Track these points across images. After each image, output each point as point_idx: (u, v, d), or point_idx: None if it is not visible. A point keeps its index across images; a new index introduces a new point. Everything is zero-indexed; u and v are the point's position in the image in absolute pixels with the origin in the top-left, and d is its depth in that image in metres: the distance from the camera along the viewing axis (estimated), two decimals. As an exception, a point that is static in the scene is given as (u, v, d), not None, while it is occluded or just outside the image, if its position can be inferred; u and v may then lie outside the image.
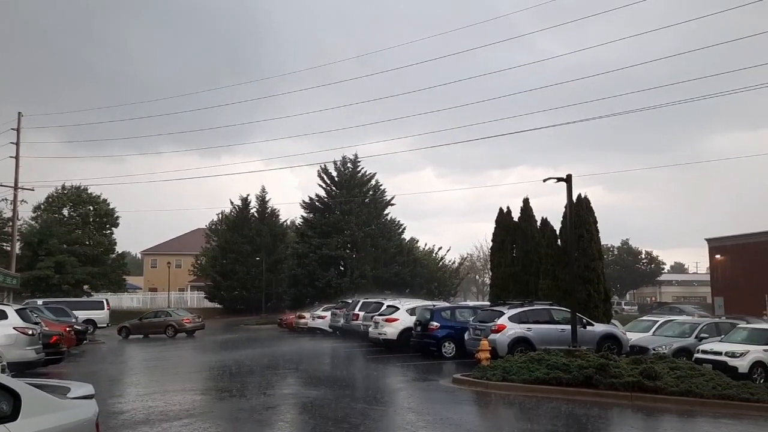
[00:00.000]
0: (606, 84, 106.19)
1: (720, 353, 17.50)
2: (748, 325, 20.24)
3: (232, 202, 63.33)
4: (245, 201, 61.78)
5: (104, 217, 55.01)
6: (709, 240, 52.35)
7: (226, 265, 58.65)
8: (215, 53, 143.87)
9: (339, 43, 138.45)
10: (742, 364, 16.93)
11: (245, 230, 59.47)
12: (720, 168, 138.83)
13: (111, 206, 55.57)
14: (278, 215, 63.09)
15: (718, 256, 50.83)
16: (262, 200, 61.88)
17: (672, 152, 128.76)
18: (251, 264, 57.67)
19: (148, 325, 36.75)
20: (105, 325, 37.60)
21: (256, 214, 61.65)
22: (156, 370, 20.56)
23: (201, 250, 66.88)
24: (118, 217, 55.66)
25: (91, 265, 51.23)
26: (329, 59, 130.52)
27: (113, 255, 55.43)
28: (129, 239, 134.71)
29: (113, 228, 55.89)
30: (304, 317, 37.20)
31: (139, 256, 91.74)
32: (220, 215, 67.49)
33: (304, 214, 54.19)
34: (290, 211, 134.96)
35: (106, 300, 40.79)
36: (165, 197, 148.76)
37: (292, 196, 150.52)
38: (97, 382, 12.32)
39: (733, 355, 17.24)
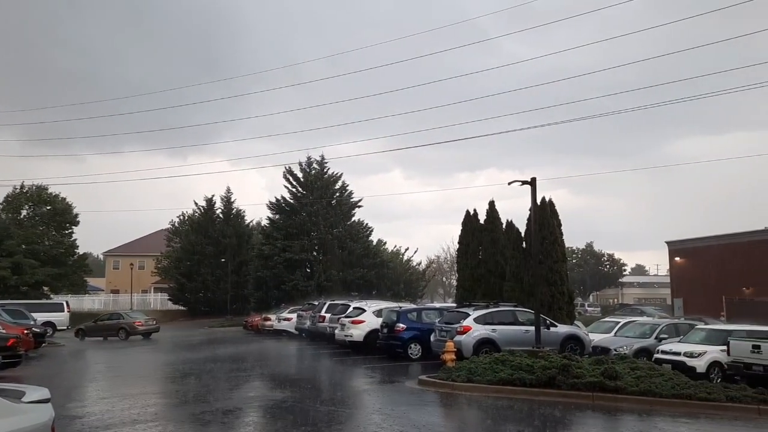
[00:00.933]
0: (574, 88, 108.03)
1: (679, 353, 17.90)
2: (706, 326, 20.74)
3: (196, 203, 62.66)
4: (210, 202, 61.13)
5: (63, 215, 53.80)
6: (669, 243, 53.50)
7: (191, 267, 57.92)
8: (185, 53, 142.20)
9: (309, 44, 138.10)
10: (700, 364, 17.34)
11: (210, 231, 58.83)
12: (682, 172, 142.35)
13: (71, 205, 54.42)
14: (244, 216, 62.57)
15: (677, 259, 51.99)
16: (228, 201, 61.30)
17: (636, 156, 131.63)
18: (216, 266, 57.06)
19: (103, 327, 36.13)
20: (65, 327, 36.84)
21: (221, 216, 61.03)
22: (117, 373, 20.17)
23: (164, 252, 65.88)
24: (77, 215, 54.53)
25: (51, 266, 50.05)
26: (299, 60, 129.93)
27: (74, 256, 54.26)
28: (91, 240, 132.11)
29: (73, 228, 54.73)
30: (269, 319, 36.94)
31: (101, 257, 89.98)
32: (182, 216, 66.62)
33: (270, 216, 53.78)
34: (257, 212, 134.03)
35: (66, 302, 39.91)
36: (129, 198, 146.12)
37: (259, 197, 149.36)
38: (55, 385, 12.07)
39: (691, 355, 17.64)
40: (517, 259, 26.41)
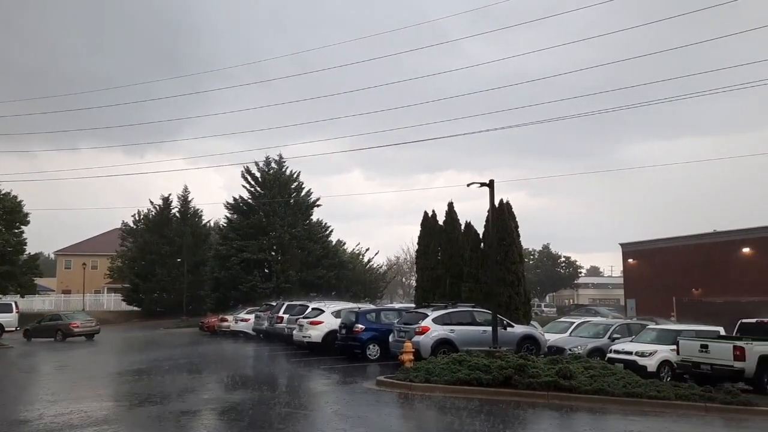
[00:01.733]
0: (534, 91, 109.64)
1: (631, 353, 18.35)
2: (657, 326, 21.31)
3: (152, 202, 61.56)
4: (166, 201, 60.08)
5: (12, 214, 52.04)
6: (623, 245, 54.73)
7: (145, 267, 56.81)
8: (146, 49, 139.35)
9: (272, 42, 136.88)
10: (651, 363, 17.82)
11: (166, 231, 57.83)
12: (636, 176, 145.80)
13: (21, 203, 52.66)
14: (201, 216, 61.71)
15: (630, 260, 53.22)
16: (185, 200, 60.35)
17: (593, 160, 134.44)
18: (172, 266, 56.10)
19: (44, 328, 35.10)
20: (14, 328, 35.76)
21: (177, 215, 60.05)
22: (68, 375, 19.62)
23: (118, 251, 64.43)
24: (27, 214, 52.82)
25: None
26: (262, 58, 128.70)
27: (24, 256, 52.55)
28: (42, 239, 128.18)
29: (23, 226, 53.00)
30: (226, 320, 36.49)
31: (52, 256, 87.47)
32: (137, 215, 65.24)
33: (228, 215, 53.06)
34: (215, 211, 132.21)
35: (15, 302, 38.75)
36: (83, 195, 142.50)
37: (217, 196, 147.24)
38: (2, 388, 11.71)
39: (642, 354, 18.11)
40: (476, 260, 26.68)
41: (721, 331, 19.94)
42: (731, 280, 40.97)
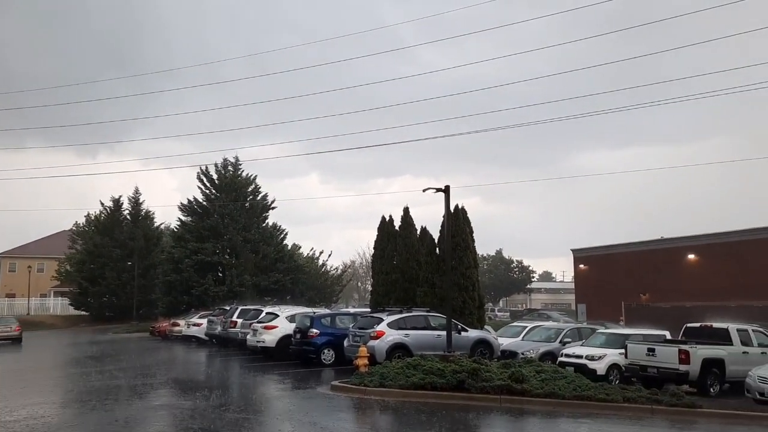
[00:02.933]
0: (489, 99, 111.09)
1: (581, 356, 18.73)
2: (606, 330, 21.79)
3: (102, 204, 60.02)
4: (117, 202, 58.79)
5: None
6: (574, 250, 55.93)
7: (95, 270, 55.32)
8: (96, 48, 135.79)
9: (226, 43, 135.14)
10: (600, 367, 18.22)
11: (116, 233, 56.50)
12: (587, 183, 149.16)
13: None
14: (153, 218, 60.55)
15: (581, 266, 54.41)
16: (136, 202, 59.14)
17: (546, 167, 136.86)
18: (122, 269, 54.85)
19: None
20: (-48, 333, 34.27)
21: (128, 217, 58.77)
22: (9, 381, 18.89)
23: (66, 254, 62.57)
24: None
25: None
26: (216, 59, 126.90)
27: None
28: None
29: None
30: (178, 325, 35.84)
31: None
32: (87, 217, 63.56)
33: (182, 218, 52.17)
34: (169, 214, 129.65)
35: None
36: (29, 196, 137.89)
37: (171, 198, 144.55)
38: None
39: (592, 358, 18.50)
40: (431, 265, 26.83)
41: (667, 335, 20.55)
42: (677, 286, 42.29)
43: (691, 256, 43.71)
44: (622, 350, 18.06)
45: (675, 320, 24.34)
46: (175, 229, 53.65)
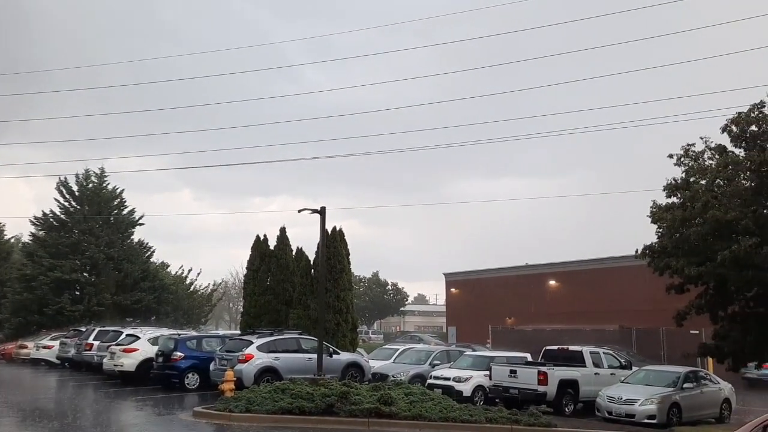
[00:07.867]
0: (370, 123, 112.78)
1: (448, 378, 19.16)
2: (473, 353, 22.50)
3: (-57, 213, 54.32)
4: (-38, 212, 53.40)
5: None
6: (446, 274, 57.58)
7: (-72, 288, 49.62)
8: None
9: (105, 51, 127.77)
10: (466, 388, 18.72)
11: (-43, 247, 51.19)
12: (460, 210, 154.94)
13: None
14: (3, 231, 55.42)
15: (453, 290, 56.09)
16: (-16, 213, 54.01)
17: (423, 192, 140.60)
18: (-36, 286, 49.61)
19: None
20: None
21: (-27, 229, 53.47)
22: None
23: None
24: None
25: None
26: (89, 64, 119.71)
27: None
28: None
29: None
30: (26, 347, 33.02)
31: None
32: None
33: (34, 232, 48.06)
34: (22, 226, 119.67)
35: None
36: None
37: (27, 209, 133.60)
38: None
39: (459, 380, 18.98)
40: (305, 287, 26.51)
41: (529, 357, 21.51)
42: (540, 310, 44.61)
43: (552, 282, 46.36)
44: (487, 372, 18.65)
45: (537, 343, 25.58)
46: (27, 244, 49.32)
